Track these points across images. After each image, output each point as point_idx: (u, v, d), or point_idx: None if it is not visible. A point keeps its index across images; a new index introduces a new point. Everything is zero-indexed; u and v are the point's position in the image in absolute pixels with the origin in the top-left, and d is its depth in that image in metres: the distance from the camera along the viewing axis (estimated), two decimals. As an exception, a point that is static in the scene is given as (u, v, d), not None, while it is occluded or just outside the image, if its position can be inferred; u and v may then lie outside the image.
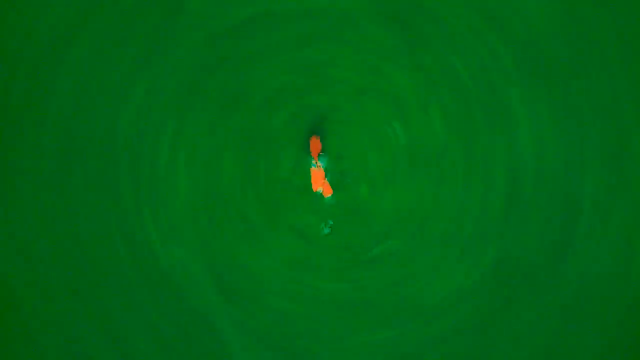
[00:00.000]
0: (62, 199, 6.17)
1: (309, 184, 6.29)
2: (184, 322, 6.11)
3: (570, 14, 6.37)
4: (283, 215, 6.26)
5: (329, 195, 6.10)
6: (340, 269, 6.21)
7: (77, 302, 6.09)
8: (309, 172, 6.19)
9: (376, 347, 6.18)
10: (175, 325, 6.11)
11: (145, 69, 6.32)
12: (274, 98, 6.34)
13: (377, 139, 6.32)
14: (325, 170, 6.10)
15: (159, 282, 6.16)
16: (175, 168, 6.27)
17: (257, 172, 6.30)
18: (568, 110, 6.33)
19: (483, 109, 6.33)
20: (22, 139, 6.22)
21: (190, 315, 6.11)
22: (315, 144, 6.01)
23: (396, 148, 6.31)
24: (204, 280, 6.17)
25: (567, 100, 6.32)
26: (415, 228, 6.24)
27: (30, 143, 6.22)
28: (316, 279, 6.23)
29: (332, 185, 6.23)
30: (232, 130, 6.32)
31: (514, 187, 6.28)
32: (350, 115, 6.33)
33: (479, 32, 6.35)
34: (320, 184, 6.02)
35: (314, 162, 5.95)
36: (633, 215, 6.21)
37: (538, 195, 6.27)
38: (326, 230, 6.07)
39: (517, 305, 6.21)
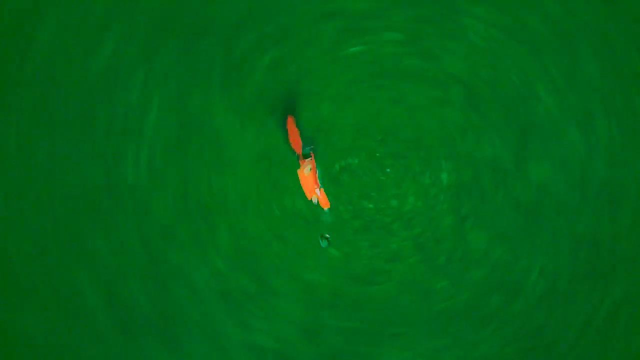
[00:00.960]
0: (43, 137, 6.53)
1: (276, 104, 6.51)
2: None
3: None
4: (255, 139, 6.48)
5: (327, 208, 5.96)
6: (305, 187, 6.43)
7: (58, 232, 6.45)
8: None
9: (336, 261, 6.42)
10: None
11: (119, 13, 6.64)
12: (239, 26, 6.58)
13: (338, 58, 6.51)
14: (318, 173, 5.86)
15: (131, 204, 6.48)
16: (148, 104, 6.55)
17: (227, 98, 6.52)
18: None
19: (438, 24, 6.47)
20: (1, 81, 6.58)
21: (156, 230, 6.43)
22: (293, 130, 5.55)
23: (358, 66, 6.49)
24: (175, 200, 6.47)
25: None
26: (376, 144, 6.44)
27: (11, 84, 6.60)
28: (282, 198, 6.49)
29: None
30: (201, 63, 6.59)
31: (470, 101, 6.42)
32: (310, 39, 6.53)
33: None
34: (313, 190, 5.60)
35: (300, 162, 5.32)
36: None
37: (495, 103, 6.41)
38: (324, 244, 6.18)
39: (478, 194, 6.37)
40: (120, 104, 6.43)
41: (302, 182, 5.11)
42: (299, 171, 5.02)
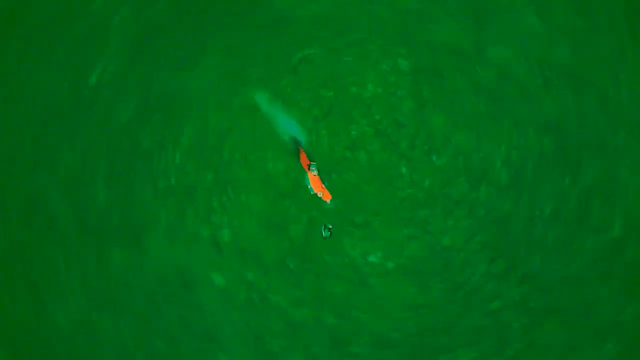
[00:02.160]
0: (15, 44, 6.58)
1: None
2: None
3: None
4: (211, 41, 6.52)
5: (329, 200, 6.16)
6: (265, 79, 6.45)
7: (22, 137, 6.44)
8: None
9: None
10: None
11: None
12: None
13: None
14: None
15: (95, 108, 6.50)
16: (114, 10, 6.60)
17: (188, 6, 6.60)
18: None
19: None
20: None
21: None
22: (304, 158, 6.13)
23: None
24: (137, 102, 6.48)
25: None
26: (332, 36, 6.47)
27: None
28: (244, 92, 6.49)
29: None
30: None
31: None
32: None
33: None
34: (319, 188, 6.06)
35: (308, 172, 5.97)
36: None
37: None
38: (326, 234, 6.17)
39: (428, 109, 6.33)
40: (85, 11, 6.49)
41: (311, 182, 5.92)
42: (310, 175, 5.88)
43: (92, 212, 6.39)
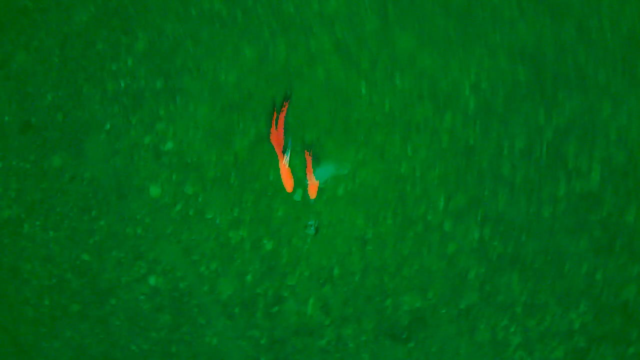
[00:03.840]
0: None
1: None
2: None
3: None
4: None
5: (313, 198, 5.68)
6: (228, -11, 6.20)
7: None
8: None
9: (251, 62, 6.01)
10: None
11: None
12: None
13: None
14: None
15: (52, 12, 6.37)
16: None
17: None
18: None
19: None
20: None
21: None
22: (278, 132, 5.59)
23: None
24: (96, 3, 6.33)
25: None
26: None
27: None
28: (200, 1, 6.24)
29: None
30: None
31: None
32: None
33: None
34: (291, 182, 5.55)
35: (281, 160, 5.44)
36: None
37: None
38: (312, 230, 5.78)
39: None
40: None
41: (282, 175, 5.47)
42: (281, 165, 5.45)
43: (37, 113, 6.16)
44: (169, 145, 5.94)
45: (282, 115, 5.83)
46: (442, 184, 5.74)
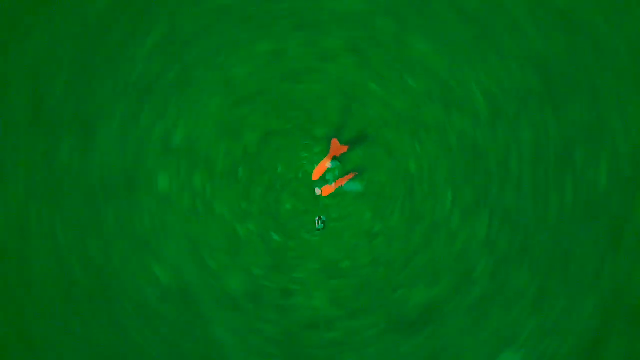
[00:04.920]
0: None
1: None
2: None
3: None
4: None
5: (325, 194, 5.81)
6: (242, -15, 6.25)
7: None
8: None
9: (265, 55, 6.05)
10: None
11: None
12: None
13: None
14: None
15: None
16: None
17: None
18: None
19: None
20: None
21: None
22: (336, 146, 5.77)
23: None
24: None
25: None
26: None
27: None
28: (218, -4, 6.29)
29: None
30: None
31: None
32: None
33: None
34: (319, 175, 5.73)
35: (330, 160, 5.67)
36: None
37: None
38: (320, 226, 5.85)
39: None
40: None
41: (317, 167, 5.50)
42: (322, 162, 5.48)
43: (48, 101, 6.13)
44: (179, 136, 5.93)
45: (341, 148, 5.71)
46: (451, 180, 5.80)
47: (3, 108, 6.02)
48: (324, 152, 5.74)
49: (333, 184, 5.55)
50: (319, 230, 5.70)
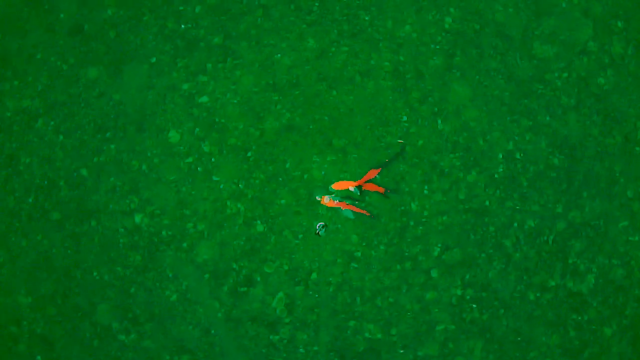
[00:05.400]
0: None
1: None
2: None
3: None
4: None
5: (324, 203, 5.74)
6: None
7: None
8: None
9: (310, 52, 6.08)
10: None
11: None
12: None
13: None
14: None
15: None
16: None
17: None
18: None
19: None
20: None
21: None
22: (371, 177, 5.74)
23: None
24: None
25: None
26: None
27: None
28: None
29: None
30: None
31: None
32: None
33: None
34: (338, 189, 5.73)
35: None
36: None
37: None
38: (322, 233, 5.75)
39: None
40: None
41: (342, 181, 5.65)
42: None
43: (93, 22, 6.23)
44: (204, 99, 5.96)
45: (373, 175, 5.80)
46: (445, 232, 5.74)
47: (51, 18, 6.14)
48: (337, 163, 5.73)
49: (336, 202, 5.59)
50: (317, 235, 5.68)
